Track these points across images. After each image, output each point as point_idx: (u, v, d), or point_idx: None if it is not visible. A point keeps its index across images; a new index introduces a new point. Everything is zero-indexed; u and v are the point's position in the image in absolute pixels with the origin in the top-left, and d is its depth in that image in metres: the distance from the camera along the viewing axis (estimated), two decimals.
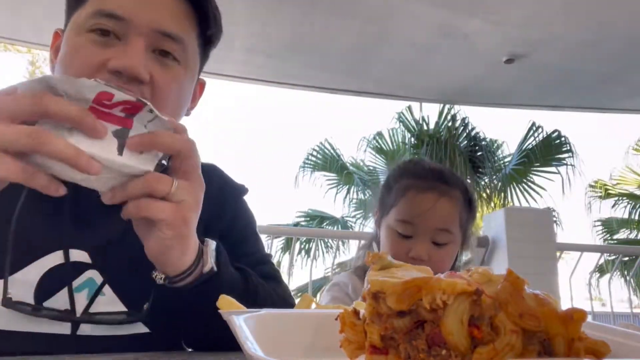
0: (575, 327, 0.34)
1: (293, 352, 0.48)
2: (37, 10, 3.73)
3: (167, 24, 0.72)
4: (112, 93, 0.53)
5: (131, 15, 0.70)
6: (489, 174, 6.88)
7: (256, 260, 0.90)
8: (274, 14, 3.82)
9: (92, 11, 0.71)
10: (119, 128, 0.55)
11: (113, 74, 0.68)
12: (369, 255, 0.44)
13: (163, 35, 0.72)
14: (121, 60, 0.68)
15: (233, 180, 0.96)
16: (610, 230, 8.05)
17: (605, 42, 4.29)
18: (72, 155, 0.51)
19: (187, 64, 0.76)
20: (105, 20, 0.70)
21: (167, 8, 0.73)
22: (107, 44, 0.70)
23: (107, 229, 0.74)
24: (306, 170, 7.43)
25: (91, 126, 0.52)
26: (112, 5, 0.70)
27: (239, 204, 0.94)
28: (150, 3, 0.72)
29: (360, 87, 5.46)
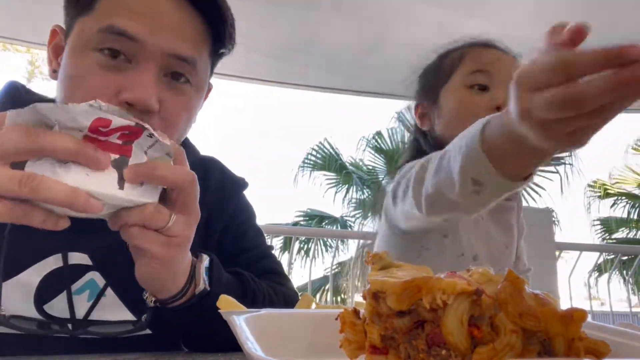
0: (575, 327, 0.34)
1: (293, 352, 0.48)
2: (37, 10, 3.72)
3: (182, 48, 0.68)
4: (109, 119, 0.49)
5: (146, 37, 0.65)
6: None
7: (258, 256, 0.89)
8: (274, 14, 3.81)
9: (103, 27, 0.65)
10: (118, 157, 0.51)
11: (124, 105, 0.65)
12: (368, 255, 0.44)
13: (176, 58, 0.68)
14: (134, 92, 0.64)
15: (233, 174, 0.94)
16: (609, 229, 8.06)
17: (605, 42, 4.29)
18: (68, 198, 0.47)
19: (198, 84, 0.73)
20: (117, 39, 0.65)
21: (183, 29, 0.69)
22: (117, 68, 0.66)
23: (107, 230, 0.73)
24: (305, 169, 7.44)
25: (92, 159, 0.48)
26: (126, 24, 0.65)
27: (240, 198, 0.93)
28: (166, 24, 0.67)
29: (360, 87, 5.45)
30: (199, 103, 0.77)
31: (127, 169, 0.51)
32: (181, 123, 0.72)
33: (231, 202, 0.89)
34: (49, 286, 0.69)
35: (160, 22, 0.67)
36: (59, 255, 0.70)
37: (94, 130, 0.49)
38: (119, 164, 0.51)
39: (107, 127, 0.49)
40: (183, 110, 0.71)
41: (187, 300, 0.65)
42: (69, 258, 0.71)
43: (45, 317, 0.69)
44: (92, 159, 0.48)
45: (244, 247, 0.88)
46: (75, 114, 0.48)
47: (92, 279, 0.72)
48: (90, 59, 0.66)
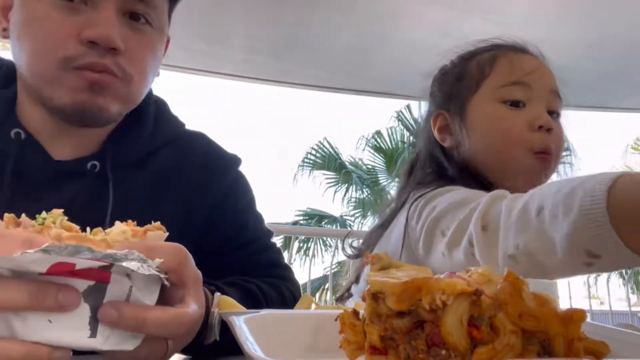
0: (575, 327, 0.34)
1: (293, 352, 0.48)
2: None
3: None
4: (72, 262, 0.37)
5: None
6: None
7: (258, 248, 0.84)
8: (273, 13, 3.81)
9: None
10: (93, 284, 0.39)
11: (86, 44, 0.63)
12: (367, 255, 0.44)
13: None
14: (95, 29, 0.62)
15: (222, 149, 0.86)
16: None
17: (605, 41, 4.29)
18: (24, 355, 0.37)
19: (159, 26, 0.72)
20: None
21: None
22: (74, 10, 0.64)
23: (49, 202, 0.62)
24: (305, 169, 7.44)
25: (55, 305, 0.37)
26: None
27: (232, 178, 0.84)
28: None
29: (359, 86, 5.45)
30: (161, 48, 0.75)
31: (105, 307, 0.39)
32: (147, 64, 0.70)
33: (221, 181, 0.82)
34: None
35: None
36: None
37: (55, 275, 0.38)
38: (94, 295, 0.40)
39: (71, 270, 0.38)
40: (147, 49, 0.69)
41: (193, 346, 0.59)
42: None
43: None
44: (54, 305, 0.38)
45: (245, 241, 0.82)
46: (23, 263, 0.37)
47: None
48: (45, 4, 0.64)
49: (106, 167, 0.72)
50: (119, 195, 0.71)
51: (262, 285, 0.77)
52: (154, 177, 0.76)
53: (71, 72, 0.64)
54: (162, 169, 0.77)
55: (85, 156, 0.72)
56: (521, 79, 0.89)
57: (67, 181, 0.70)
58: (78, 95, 0.65)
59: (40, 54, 0.65)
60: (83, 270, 0.38)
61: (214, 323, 0.57)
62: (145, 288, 0.43)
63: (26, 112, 0.71)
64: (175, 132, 0.82)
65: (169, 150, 0.79)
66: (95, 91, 0.65)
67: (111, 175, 0.72)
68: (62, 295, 0.38)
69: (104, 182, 0.71)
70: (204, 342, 0.57)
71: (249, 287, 0.74)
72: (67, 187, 0.70)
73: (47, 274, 0.37)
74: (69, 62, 0.64)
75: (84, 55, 0.64)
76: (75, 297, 0.38)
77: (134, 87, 0.69)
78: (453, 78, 0.98)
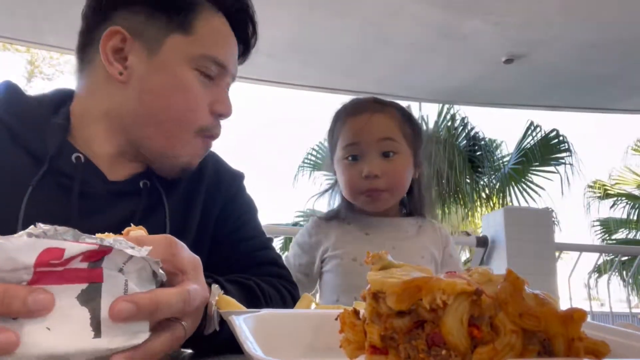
0: (575, 327, 0.34)
1: (293, 352, 0.48)
2: (37, 10, 3.72)
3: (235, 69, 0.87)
4: (61, 248, 0.36)
5: (229, 65, 0.82)
6: (488, 174, 6.88)
7: (257, 245, 0.90)
8: (274, 14, 3.81)
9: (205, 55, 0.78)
10: (85, 287, 0.38)
11: (215, 116, 0.81)
12: (368, 255, 0.44)
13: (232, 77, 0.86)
14: (223, 106, 0.81)
15: (229, 166, 0.97)
16: (609, 230, 8.05)
17: (605, 42, 4.29)
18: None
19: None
20: (214, 66, 0.79)
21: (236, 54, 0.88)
22: (206, 85, 0.79)
23: (112, 217, 0.76)
24: (305, 169, 7.43)
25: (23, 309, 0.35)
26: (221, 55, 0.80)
27: (236, 189, 0.94)
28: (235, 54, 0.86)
29: (360, 87, 5.45)
30: None
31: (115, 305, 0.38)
32: None
33: (226, 190, 0.91)
34: None
35: (235, 52, 0.86)
36: None
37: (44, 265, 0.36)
38: (90, 297, 0.38)
39: (59, 259, 0.37)
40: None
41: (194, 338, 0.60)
42: None
43: None
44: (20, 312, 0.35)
45: (243, 237, 0.90)
46: (11, 252, 0.35)
47: None
48: (191, 75, 0.78)
49: (155, 183, 0.82)
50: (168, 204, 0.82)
51: (260, 282, 0.79)
52: (185, 189, 0.86)
53: (202, 138, 0.81)
54: (188, 181, 0.88)
55: (133, 175, 0.82)
56: (352, 140, 1.19)
57: (123, 199, 0.79)
58: (196, 155, 0.82)
59: (182, 118, 0.78)
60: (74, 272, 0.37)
61: (213, 314, 0.57)
62: (140, 284, 0.41)
63: (84, 139, 0.79)
64: None
65: None
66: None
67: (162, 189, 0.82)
68: (32, 298, 0.35)
69: (155, 197, 0.81)
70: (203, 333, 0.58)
71: (248, 284, 0.76)
72: (123, 204, 0.78)
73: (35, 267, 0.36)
74: (205, 130, 0.80)
75: (215, 126, 0.82)
76: (48, 300, 0.36)
77: None
78: (329, 139, 1.29)
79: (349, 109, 1.25)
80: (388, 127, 1.19)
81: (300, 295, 0.84)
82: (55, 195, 0.73)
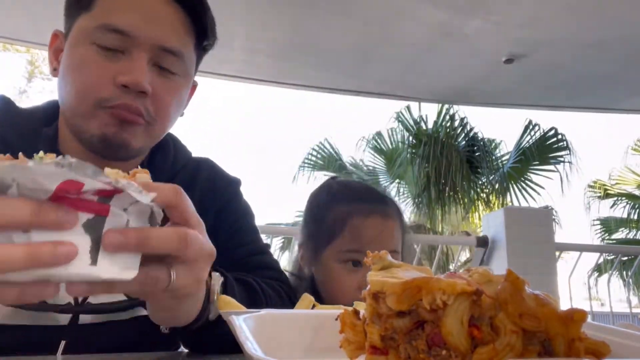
0: (575, 328, 0.34)
1: (293, 352, 0.48)
2: (37, 10, 3.72)
3: (169, 40, 0.76)
4: (81, 182, 0.39)
5: (136, 32, 0.74)
6: (487, 174, 6.88)
7: (253, 250, 0.90)
8: (274, 14, 3.81)
9: (99, 25, 0.73)
10: (91, 217, 0.41)
11: (120, 88, 0.73)
12: (368, 254, 0.44)
13: (164, 50, 0.76)
14: (129, 76, 0.72)
15: (224, 172, 0.96)
16: (609, 230, 8.06)
17: (605, 42, 4.29)
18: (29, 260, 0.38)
19: (185, 74, 0.81)
20: (112, 35, 0.73)
21: (169, 24, 0.77)
22: (112, 58, 0.74)
23: None
24: (305, 169, 7.43)
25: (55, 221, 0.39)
26: (118, 21, 0.73)
27: (231, 195, 0.94)
28: (153, 19, 0.76)
29: (360, 87, 5.45)
30: (186, 92, 0.84)
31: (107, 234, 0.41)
32: (171, 107, 0.79)
33: (222, 196, 0.91)
34: None
35: (150, 18, 0.75)
36: None
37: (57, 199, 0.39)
38: (93, 227, 0.41)
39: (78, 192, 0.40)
40: (172, 94, 0.79)
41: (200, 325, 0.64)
42: None
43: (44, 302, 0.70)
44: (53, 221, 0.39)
45: (238, 242, 0.89)
46: (37, 175, 0.38)
47: None
48: (88, 50, 0.74)
49: None
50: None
51: (259, 280, 0.80)
52: None
53: (105, 110, 0.74)
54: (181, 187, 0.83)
55: None
56: (360, 247, 1.01)
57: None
58: (107, 129, 0.75)
59: (80, 94, 0.75)
60: (84, 202, 0.40)
61: (215, 299, 0.61)
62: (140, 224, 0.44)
63: (67, 147, 0.80)
64: (187, 158, 0.93)
65: (183, 174, 0.90)
66: (123, 128, 0.75)
67: None
68: (61, 213, 0.39)
69: None
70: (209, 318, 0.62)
71: (247, 280, 0.77)
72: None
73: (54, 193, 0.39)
74: (104, 102, 0.74)
75: (117, 97, 0.74)
76: (73, 218, 0.40)
77: (158, 126, 0.79)
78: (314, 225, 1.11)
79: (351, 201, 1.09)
80: (397, 240, 1.09)
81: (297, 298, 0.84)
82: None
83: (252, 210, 0.97)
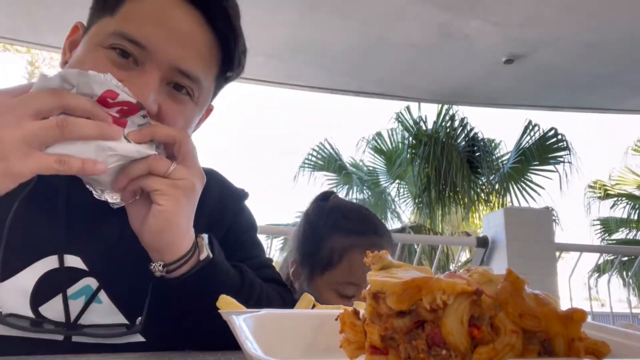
0: (575, 327, 0.34)
1: (293, 352, 0.48)
2: (37, 10, 3.72)
3: (188, 63, 0.71)
4: (117, 93, 0.61)
5: (154, 46, 0.69)
6: (487, 174, 6.89)
7: (257, 265, 0.89)
8: (274, 14, 3.81)
9: (117, 31, 0.69)
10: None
11: None
12: (368, 254, 0.44)
13: (180, 72, 0.71)
14: (132, 89, 0.67)
15: (233, 185, 0.96)
16: (609, 230, 8.06)
17: (605, 42, 4.29)
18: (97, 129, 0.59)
19: (199, 100, 0.76)
20: (128, 45, 0.69)
21: (193, 45, 0.72)
22: (124, 67, 0.69)
23: (101, 235, 0.75)
24: (306, 170, 7.43)
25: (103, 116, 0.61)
26: (138, 32, 0.69)
27: (240, 210, 0.94)
28: (176, 38, 0.70)
29: (360, 88, 5.45)
30: (197, 117, 0.79)
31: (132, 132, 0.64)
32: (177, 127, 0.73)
33: (230, 212, 0.91)
34: (44, 288, 0.70)
35: (173, 35, 0.70)
36: (55, 257, 0.71)
37: (102, 101, 0.61)
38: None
39: (113, 100, 0.61)
40: (180, 117, 0.73)
41: (191, 267, 0.69)
42: (65, 260, 0.71)
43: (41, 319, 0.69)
44: (103, 117, 0.60)
45: (243, 256, 0.87)
46: (92, 81, 0.60)
47: (88, 284, 0.73)
48: (100, 54, 0.70)
49: None
50: None
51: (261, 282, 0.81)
52: None
53: None
54: None
55: None
56: (356, 281, 1.05)
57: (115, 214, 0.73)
58: None
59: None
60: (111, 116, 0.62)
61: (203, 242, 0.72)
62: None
63: None
64: None
65: None
66: None
67: None
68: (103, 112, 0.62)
69: None
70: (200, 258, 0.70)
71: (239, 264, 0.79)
72: (115, 219, 0.74)
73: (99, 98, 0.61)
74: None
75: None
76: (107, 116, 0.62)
77: None
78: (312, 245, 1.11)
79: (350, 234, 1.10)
80: None
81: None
82: (43, 208, 0.73)
83: (255, 223, 0.98)
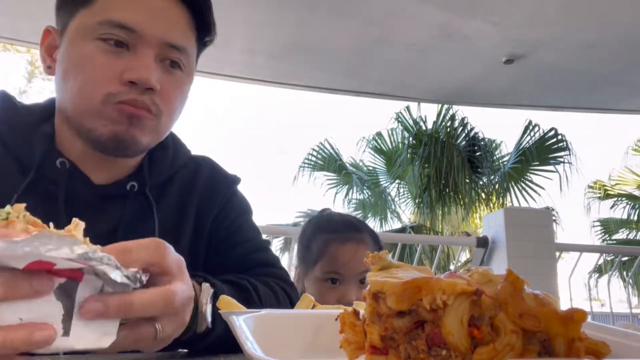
0: (575, 328, 0.34)
1: (293, 352, 0.48)
2: (37, 10, 3.72)
3: (174, 37, 0.77)
4: (53, 262, 0.36)
5: (142, 28, 0.73)
6: (487, 174, 6.88)
7: (253, 248, 0.91)
8: (274, 14, 3.81)
9: (102, 20, 0.73)
10: (64, 282, 0.38)
11: (127, 84, 0.73)
12: (368, 255, 0.44)
13: (170, 46, 0.76)
14: (137, 73, 0.72)
15: (224, 170, 0.97)
16: (609, 230, 8.05)
17: (605, 42, 4.29)
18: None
19: (188, 69, 0.81)
20: (117, 31, 0.73)
21: (173, 19, 0.78)
22: (118, 54, 0.73)
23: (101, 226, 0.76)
24: (306, 170, 7.42)
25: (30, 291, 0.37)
26: (123, 17, 0.73)
27: (231, 193, 0.94)
28: (158, 16, 0.76)
29: (360, 88, 5.45)
30: (189, 87, 0.85)
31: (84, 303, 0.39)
32: (176, 102, 0.80)
33: (221, 194, 0.91)
34: None
35: (154, 14, 0.75)
36: None
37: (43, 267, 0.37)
38: (66, 292, 0.38)
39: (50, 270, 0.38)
40: (178, 90, 0.79)
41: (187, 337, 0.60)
42: None
43: None
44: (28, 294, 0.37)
45: (238, 240, 0.90)
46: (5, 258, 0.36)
47: None
48: (92, 46, 0.73)
49: (144, 187, 0.81)
50: (158, 210, 0.82)
51: (254, 282, 0.80)
52: (178, 194, 0.87)
53: (112, 106, 0.73)
54: (181, 186, 0.88)
55: (120, 178, 0.81)
56: (336, 269, 1.26)
57: (111, 203, 0.79)
58: (116, 127, 0.74)
59: (86, 91, 0.74)
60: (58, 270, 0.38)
61: (205, 311, 0.57)
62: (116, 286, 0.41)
63: (66, 144, 0.80)
64: (186, 157, 0.93)
65: (183, 173, 0.90)
66: (132, 124, 0.74)
67: (150, 193, 0.82)
68: (36, 282, 0.37)
69: (143, 201, 0.81)
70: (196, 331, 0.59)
71: (241, 282, 0.77)
72: (111, 208, 0.78)
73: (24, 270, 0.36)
74: (111, 98, 0.73)
75: (124, 93, 0.73)
76: (48, 283, 0.37)
77: (164, 121, 0.79)
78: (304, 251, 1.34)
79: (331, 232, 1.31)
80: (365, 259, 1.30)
81: (298, 295, 0.84)
82: (42, 203, 0.73)
83: (251, 208, 0.97)
